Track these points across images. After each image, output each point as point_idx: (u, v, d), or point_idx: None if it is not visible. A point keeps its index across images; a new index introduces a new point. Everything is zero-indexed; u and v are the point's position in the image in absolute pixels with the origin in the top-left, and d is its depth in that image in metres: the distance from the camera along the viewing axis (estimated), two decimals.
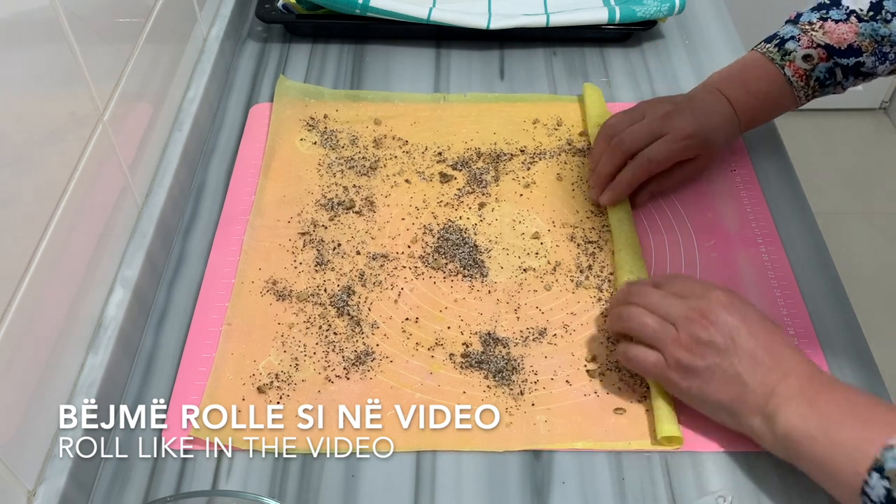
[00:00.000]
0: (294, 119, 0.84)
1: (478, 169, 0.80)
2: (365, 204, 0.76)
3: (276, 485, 0.58)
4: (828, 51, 0.73)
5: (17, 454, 0.51)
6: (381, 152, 0.81)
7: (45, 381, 0.55)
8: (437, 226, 0.75)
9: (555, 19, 0.91)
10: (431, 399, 0.62)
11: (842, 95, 0.78)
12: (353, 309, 0.68)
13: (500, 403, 0.62)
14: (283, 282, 0.70)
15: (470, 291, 0.69)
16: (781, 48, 0.74)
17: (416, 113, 0.86)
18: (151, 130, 0.73)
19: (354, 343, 0.66)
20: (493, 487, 0.58)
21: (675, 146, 0.72)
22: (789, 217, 0.76)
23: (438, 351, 0.65)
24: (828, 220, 1.81)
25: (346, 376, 0.63)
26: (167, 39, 0.77)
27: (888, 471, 0.48)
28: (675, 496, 0.58)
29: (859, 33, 0.72)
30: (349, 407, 0.61)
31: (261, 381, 0.63)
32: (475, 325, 0.67)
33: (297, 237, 0.73)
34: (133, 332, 0.65)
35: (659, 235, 0.74)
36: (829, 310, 0.69)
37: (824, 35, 0.73)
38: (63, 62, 0.57)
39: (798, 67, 0.73)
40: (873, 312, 1.64)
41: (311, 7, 0.91)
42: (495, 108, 0.87)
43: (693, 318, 0.57)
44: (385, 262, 0.71)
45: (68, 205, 0.56)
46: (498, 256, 0.72)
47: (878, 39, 0.72)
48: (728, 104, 0.75)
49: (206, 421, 0.60)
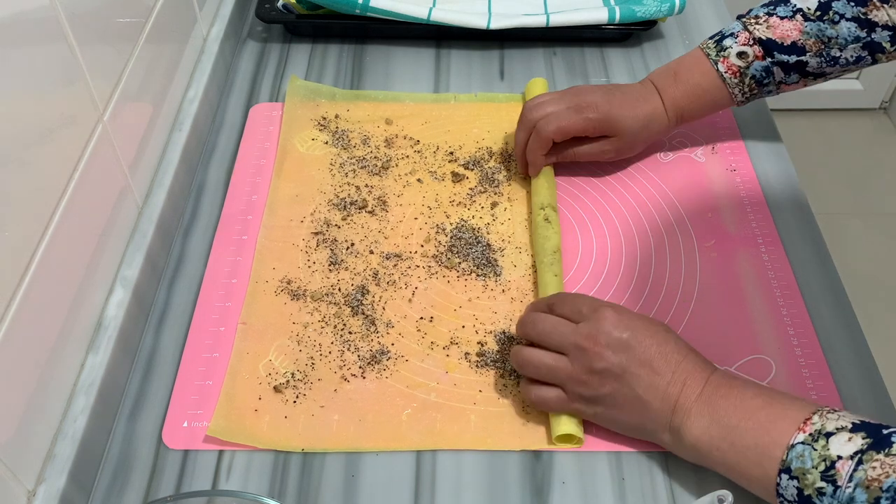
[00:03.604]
0: (305, 119, 0.84)
1: (490, 168, 0.80)
2: (377, 203, 0.76)
3: (276, 485, 0.58)
4: (767, 46, 0.72)
5: (17, 454, 0.51)
6: (393, 152, 0.81)
7: (45, 381, 0.55)
8: (450, 225, 0.75)
9: (555, 19, 0.91)
10: (448, 398, 0.62)
11: (842, 95, 0.78)
12: (368, 308, 0.68)
13: (517, 402, 0.62)
14: (298, 281, 0.70)
15: (484, 290, 0.70)
16: (719, 44, 0.75)
17: (426, 113, 0.86)
18: (151, 130, 0.73)
19: (370, 342, 0.66)
20: (493, 487, 0.58)
21: (571, 116, 0.73)
22: (789, 217, 0.76)
23: (454, 350, 0.65)
24: (828, 220, 1.81)
25: (362, 375, 0.64)
26: (167, 39, 0.77)
27: (795, 470, 0.50)
28: (675, 496, 0.58)
29: (804, 31, 0.71)
30: (366, 406, 0.61)
31: (277, 380, 0.63)
32: (490, 324, 0.67)
33: (310, 237, 0.73)
34: (133, 332, 0.65)
35: (659, 236, 0.74)
36: (829, 310, 0.69)
37: (768, 29, 0.72)
38: (63, 62, 0.57)
39: (732, 64, 0.73)
40: (873, 312, 1.64)
41: (311, 7, 0.91)
42: (505, 107, 0.87)
43: (584, 346, 0.57)
44: (398, 262, 0.71)
45: (68, 205, 0.56)
46: (511, 255, 0.72)
47: (824, 40, 0.71)
48: (656, 93, 0.76)
49: (223, 421, 0.60)
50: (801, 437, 0.50)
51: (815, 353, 0.65)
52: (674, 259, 0.73)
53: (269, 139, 0.83)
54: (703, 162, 0.81)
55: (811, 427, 0.51)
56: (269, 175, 0.79)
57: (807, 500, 0.49)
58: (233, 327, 0.67)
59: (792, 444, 0.51)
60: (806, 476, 0.49)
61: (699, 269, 0.72)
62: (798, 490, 0.50)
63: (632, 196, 0.78)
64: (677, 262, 0.72)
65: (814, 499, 0.49)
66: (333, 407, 0.62)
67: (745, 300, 0.69)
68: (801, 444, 0.50)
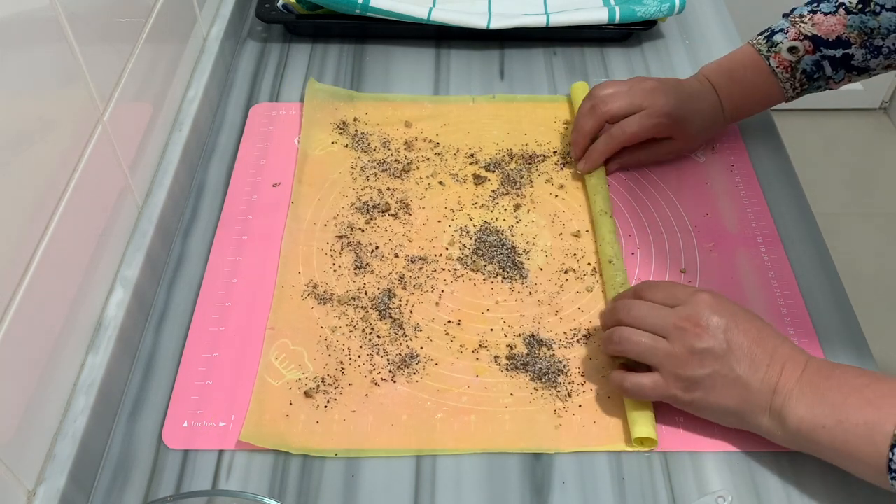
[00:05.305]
0: (325, 122, 0.84)
1: (511, 170, 0.80)
2: (400, 206, 0.76)
3: (276, 485, 0.58)
4: (815, 42, 0.73)
5: (17, 454, 0.51)
6: (414, 154, 0.81)
7: (45, 381, 0.55)
8: (474, 227, 0.75)
9: (555, 19, 0.91)
10: (479, 402, 0.62)
11: (842, 95, 0.79)
12: (395, 312, 0.68)
13: (549, 405, 0.62)
14: (324, 285, 0.69)
15: (511, 293, 0.69)
16: (769, 40, 0.75)
17: (446, 115, 0.86)
18: (151, 130, 0.73)
19: (398, 346, 0.65)
20: (493, 487, 0.58)
21: (649, 121, 0.74)
22: (789, 217, 0.76)
23: (483, 353, 0.65)
24: (828, 220, 1.81)
25: (392, 379, 0.63)
26: (167, 39, 0.77)
27: None
28: (675, 496, 0.58)
29: (847, 25, 0.73)
30: (398, 410, 0.61)
31: (307, 385, 0.63)
32: (518, 327, 0.67)
33: (334, 240, 0.73)
34: (133, 332, 0.65)
35: (659, 236, 0.74)
36: (829, 310, 0.69)
37: (813, 27, 0.74)
38: (63, 62, 0.57)
39: (783, 59, 0.74)
40: (873, 312, 1.64)
41: (311, 7, 0.91)
42: (524, 108, 0.87)
43: (684, 327, 0.57)
44: (424, 265, 0.71)
45: (68, 205, 0.56)
46: (537, 258, 0.72)
47: (867, 32, 0.72)
48: (713, 92, 0.76)
49: (254, 427, 0.60)
50: None
51: (815, 353, 0.65)
52: (674, 259, 0.73)
53: (269, 139, 0.83)
54: (703, 161, 0.81)
55: None
56: (269, 175, 0.79)
57: None
58: (233, 327, 0.67)
59: None
60: None
61: (699, 268, 0.72)
62: None
63: (631, 195, 0.78)
64: (677, 262, 0.72)
65: None
66: (365, 411, 0.61)
67: (745, 300, 0.69)
68: None
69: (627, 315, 0.60)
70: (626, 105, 0.75)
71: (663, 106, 0.74)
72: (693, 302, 0.58)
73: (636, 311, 0.60)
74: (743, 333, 0.56)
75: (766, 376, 0.55)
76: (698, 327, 0.57)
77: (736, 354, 0.56)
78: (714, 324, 0.56)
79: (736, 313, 0.57)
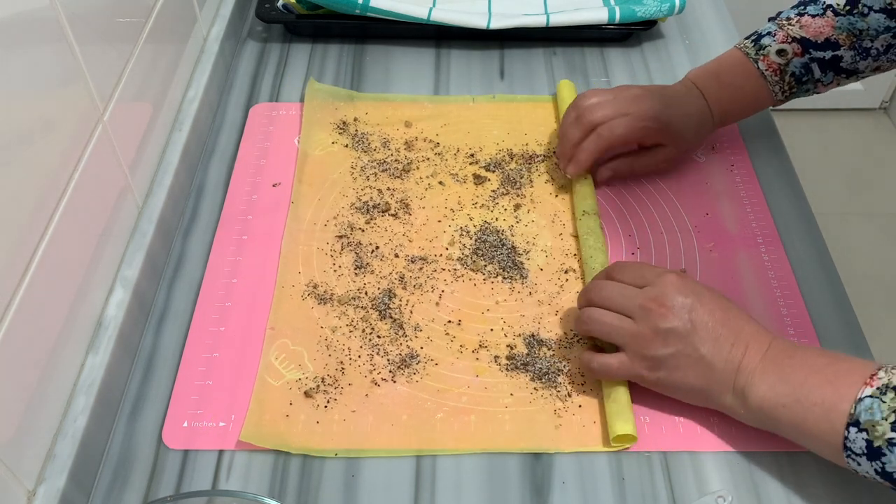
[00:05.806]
0: (325, 122, 0.84)
1: (511, 170, 0.80)
2: (400, 206, 0.76)
3: (276, 485, 0.58)
4: (803, 44, 0.73)
5: (17, 454, 0.51)
6: (414, 154, 0.81)
7: (45, 381, 0.55)
8: (474, 227, 0.75)
9: (555, 19, 0.91)
10: (479, 402, 0.62)
11: (842, 95, 0.79)
12: (395, 312, 0.68)
13: (549, 405, 0.62)
14: (324, 285, 0.69)
15: (511, 293, 0.69)
16: (757, 43, 0.75)
17: (446, 115, 0.86)
18: (151, 130, 0.73)
19: (399, 346, 0.66)
20: (493, 487, 0.58)
21: (634, 125, 0.73)
22: (789, 217, 0.76)
23: (483, 353, 0.65)
24: (828, 220, 1.81)
25: (393, 379, 0.63)
26: (167, 39, 0.77)
27: (864, 423, 0.50)
28: (675, 496, 0.58)
29: (836, 27, 0.72)
30: (398, 410, 0.61)
31: (307, 385, 0.63)
32: (518, 327, 0.67)
33: (334, 240, 0.73)
34: (133, 332, 0.65)
35: (659, 235, 0.74)
36: (829, 310, 0.69)
37: (801, 29, 0.73)
38: (63, 62, 0.57)
39: (772, 62, 0.74)
40: (873, 312, 1.64)
41: (311, 7, 0.91)
42: (524, 108, 0.87)
43: (650, 307, 0.58)
44: (424, 265, 0.71)
45: (68, 205, 0.56)
46: (537, 258, 0.72)
47: (855, 33, 0.72)
48: (701, 96, 0.76)
49: (254, 427, 0.60)
50: (868, 390, 0.51)
51: None
52: (674, 259, 0.73)
53: (269, 139, 0.83)
54: (703, 161, 0.81)
55: (878, 381, 0.51)
56: (269, 175, 0.79)
57: (876, 452, 0.50)
58: (233, 327, 0.67)
59: (860, 398, 0.51)
60: (875, 428, 0.50)
61: (699, 268, 0.72)
62: (867, 442, 0.50)
63: (631, 195, 0.78)
64: (677, 262, 0.72)
65: (884, 450, 0.49)
66: (365, 411, 0.61)
67: (745, 300, 0.69)
68: (870, 398, 0.51)
69: (598, 295, 0.61)
70: (612, 113, 0.74)
71: (648, 110, 0.73)
72: (660, 283, 0.59)
73: (606, 291, 0.61)
74: (708, 313, 0.57)
75: (731, 356, 0.56)
76: (663, 307, 0.57)
77: (700, 334, 0.57)
78: (679, 304, 0.57)
79: (701, 294, 0.58)
